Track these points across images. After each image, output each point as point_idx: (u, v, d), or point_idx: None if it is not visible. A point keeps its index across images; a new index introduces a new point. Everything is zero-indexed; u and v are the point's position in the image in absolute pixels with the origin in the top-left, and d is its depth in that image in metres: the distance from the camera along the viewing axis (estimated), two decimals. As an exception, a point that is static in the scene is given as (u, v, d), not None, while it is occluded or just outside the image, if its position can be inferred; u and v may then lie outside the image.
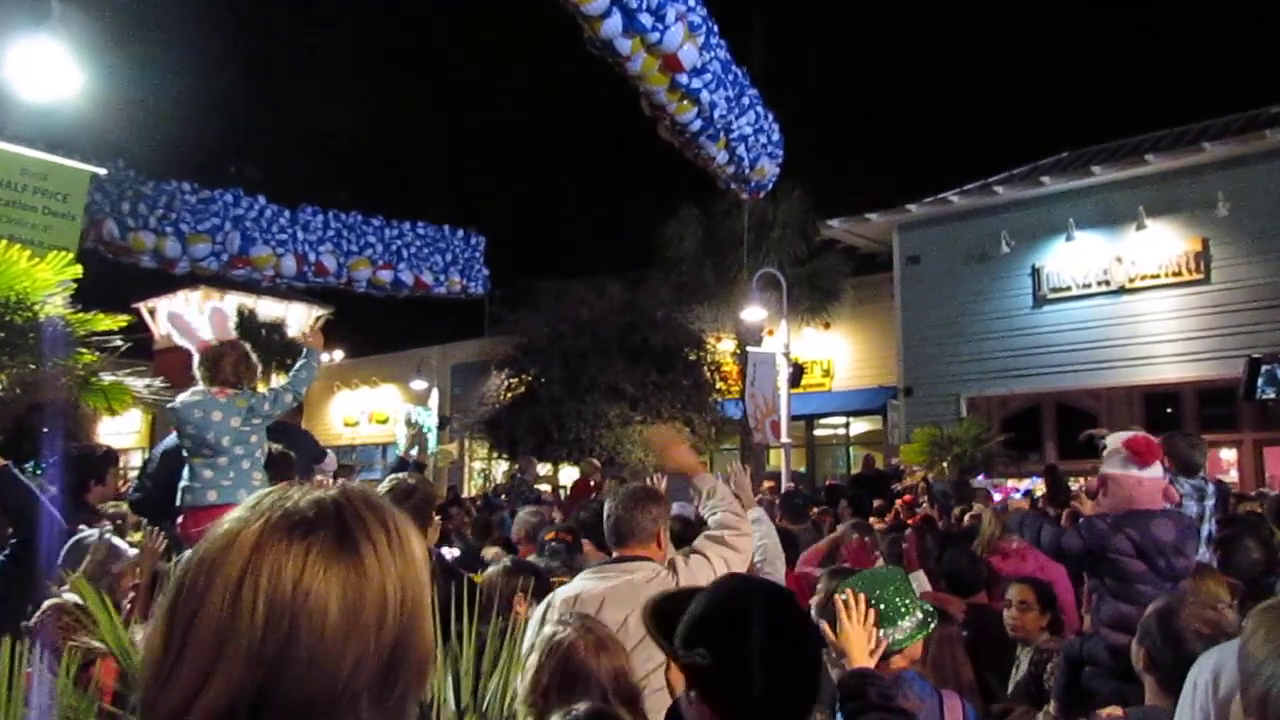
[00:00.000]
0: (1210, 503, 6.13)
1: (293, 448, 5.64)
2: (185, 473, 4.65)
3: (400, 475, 4.39)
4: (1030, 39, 47.61)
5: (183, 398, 4.64)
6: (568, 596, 3.27)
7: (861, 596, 2.67)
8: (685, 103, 9.19)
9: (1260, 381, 11.30)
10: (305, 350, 5.00)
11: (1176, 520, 4.42)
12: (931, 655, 3.68)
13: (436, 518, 4.69)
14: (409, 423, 8.91)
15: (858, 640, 2.60)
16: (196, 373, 4.76)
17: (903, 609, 2.95)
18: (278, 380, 5.11)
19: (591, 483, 12.89)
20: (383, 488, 4.15)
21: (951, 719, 3.01)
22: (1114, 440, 4.60)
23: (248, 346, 4.93)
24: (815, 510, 10.56)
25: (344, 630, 0.94)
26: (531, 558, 5.32)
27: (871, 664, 2.57)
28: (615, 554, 3.43)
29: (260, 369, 5.03)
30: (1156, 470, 4.51)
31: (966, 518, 9.17)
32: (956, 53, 48.27)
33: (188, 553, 1.01)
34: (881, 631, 2.86)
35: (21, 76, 7.45)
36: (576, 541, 5.15)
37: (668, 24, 8.15)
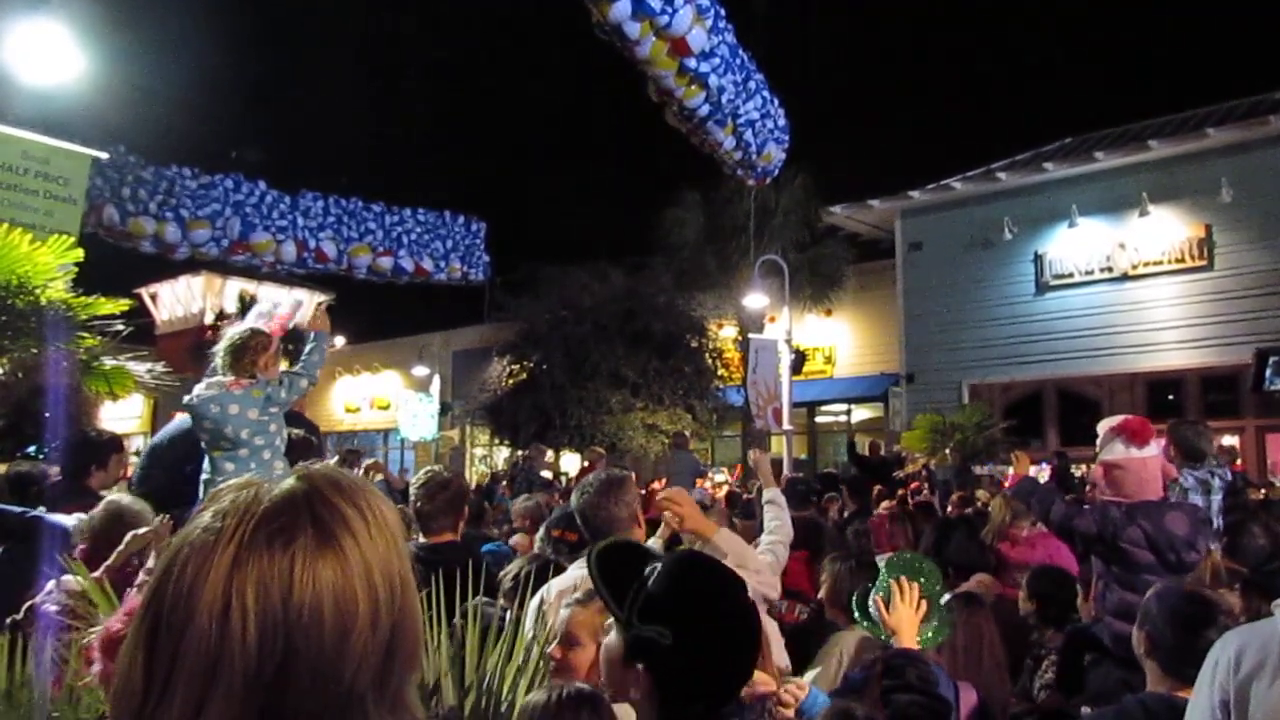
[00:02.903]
0: (1217, 497, 6.05)
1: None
2: (206, 465, 4.59)
3: (435, 468, 4.35)
4: (1033, 24, 47.44)
5: (199, 392, 4.56)
6: (563, 588, 3.25)
7: (915, 585, 2.69)
8: (694, 87, 9.14)
9: (1269, 372, 11.27)
10: (313, 334, 4.96)
11: (1190, 514, 4.40)
12: (962, 636, 3.71)
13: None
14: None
15: (909, 622, 2.62)
16: (218, 361, 4.68)
17: (935, 609, 2.95)
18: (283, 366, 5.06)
19: (595, 469, 12.88)
20: (417, 479, 4.16)
21: (965, 707, 3.01)
22: (1105, 426, 4.59)
23: (274, 338, 4.87)
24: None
25: (340, 636, 0.89)
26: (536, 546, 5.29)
27: (917, 647, 2.59)
28: None
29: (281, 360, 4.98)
30: (1154, 448, 4.52)
31: (951, 506, 9.16)
32: (958, 38, 48.13)
33: (157, 568, 0.94)
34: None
35: (22, 59, 7.43)
36: (583, 540, 5.09)
37: (676, 6, 8.10)
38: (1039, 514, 4.90)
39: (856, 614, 3.04)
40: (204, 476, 4.57)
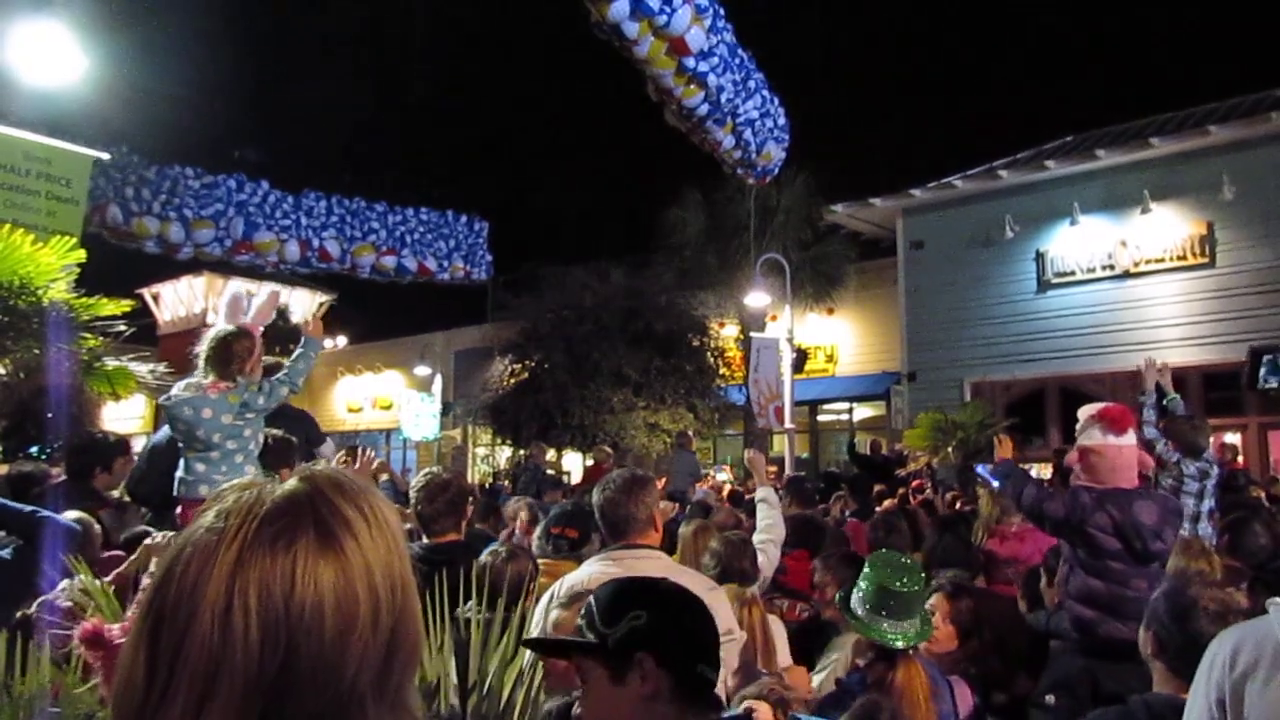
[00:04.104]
0: (1211, 482, 6.22)
1: (292, 431, 5.59)
2: (181, 464, 4.62)
3: (434, 470, 4.37)
4: (1034, 22, 47.42)
5: (175, 393, 4.55)
6: (575, 582, 3.26)
7: None
8: (692, 87, 9.15)
9: (1263, 371, 11.26)
10: (304, 340, 4.89)
11: (1161, 503, 4.47)
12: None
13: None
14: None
15: None
16: (201, 361, 4.66)
17: (918, 608, 2.98)
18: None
19: (603, 467, 12.90)
20: (417, 483, 4.17)
21: (962, 706, 3.02)
22: (1086, 412, 4.67)
23: (259, 340, 4.85)
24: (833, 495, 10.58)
25: (341, 636, 0.89)
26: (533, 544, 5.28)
27: None
28: (612, 545, 3.42)
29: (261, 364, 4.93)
30: (1132, 437, 4.59)
31: (958, 503, 9.20)
32: (960, 36, 48.10)
33: (159, 567, 0.94)
34: (888, 623, 2.88)
35: (24, 60, 7.43)
36: (582, 537, 5.13)
37: (675, 6, 8.11)
38: (1012, 497, 4.96)
39: (841, 610, 3.07)
40: (178, 475, 4.59)
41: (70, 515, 4.26)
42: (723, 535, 4.36)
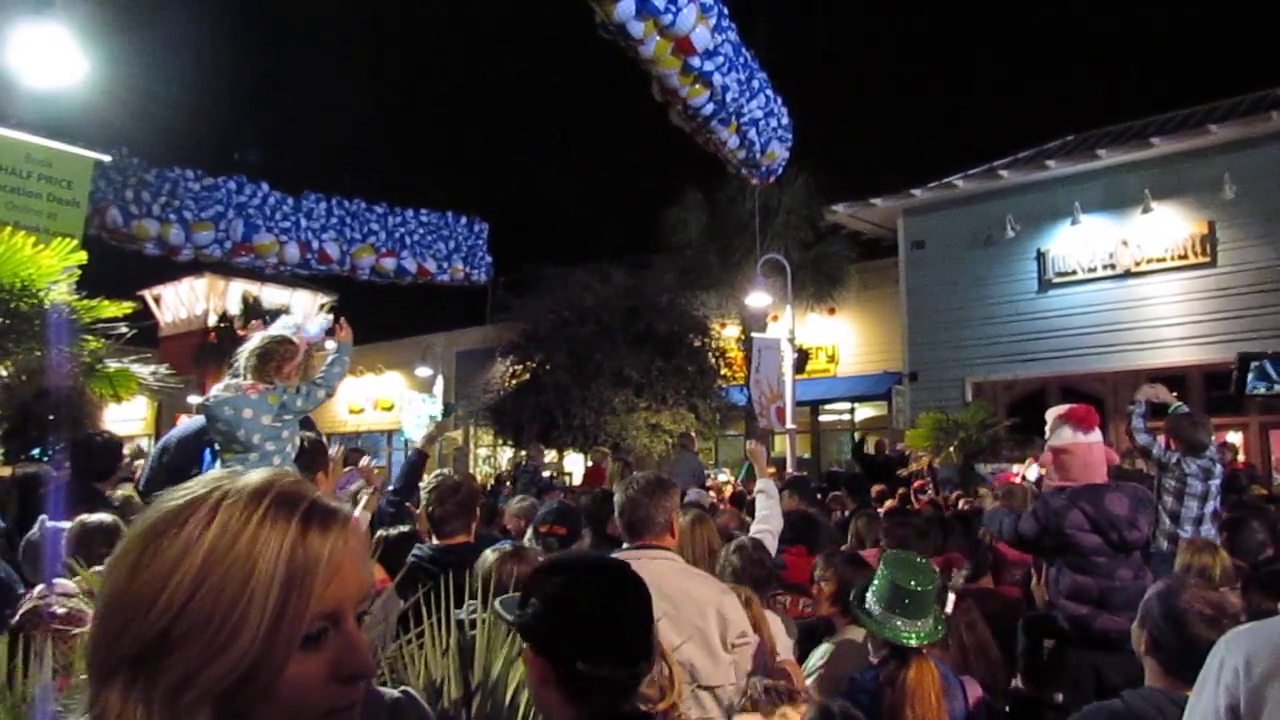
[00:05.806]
0: (1215, 481, 6.23)
1: None
2: (217, 466, 4.64)
3: (444, 472, 4.39)
4: (1034, 22, 47.42)
5: (215, 393, 4.61)
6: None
7: None
8: (698, 86, 9.16)
9: (1250, 377, 11.23)
10: (337, 345, 5.08)
11: (1130, 493, 4.61)
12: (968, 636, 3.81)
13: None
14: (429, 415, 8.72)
15: None
16: (240, 363, 4.73)
17: (930, 606, 2.99)
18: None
19: (601, 468, 12.90)
20: (428, 484, 4.20)
21: (972, 700, 3.04)
22: (1053, 414, 4.82)
23: (301, 350, 4.95)
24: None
25: (120, 600, 0.95)
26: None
27: None
28: (629, 544, 3.43)
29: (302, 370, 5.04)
30: (1098, 435, 4.74)
31: (961, 503, 9.21)
32: (960, 36, 48.08)
33: None
34: (902, 622, 2.90)
35: (25, 63, 7.42)
36: (571, 534, 5.16)
37: (680, 6, 8.12)
38: (997, 535, 5.14)
39: (855, 608, 3.08)
40: None
41: (106, 519, 4.25)
42: (738, 543, 4.36)
